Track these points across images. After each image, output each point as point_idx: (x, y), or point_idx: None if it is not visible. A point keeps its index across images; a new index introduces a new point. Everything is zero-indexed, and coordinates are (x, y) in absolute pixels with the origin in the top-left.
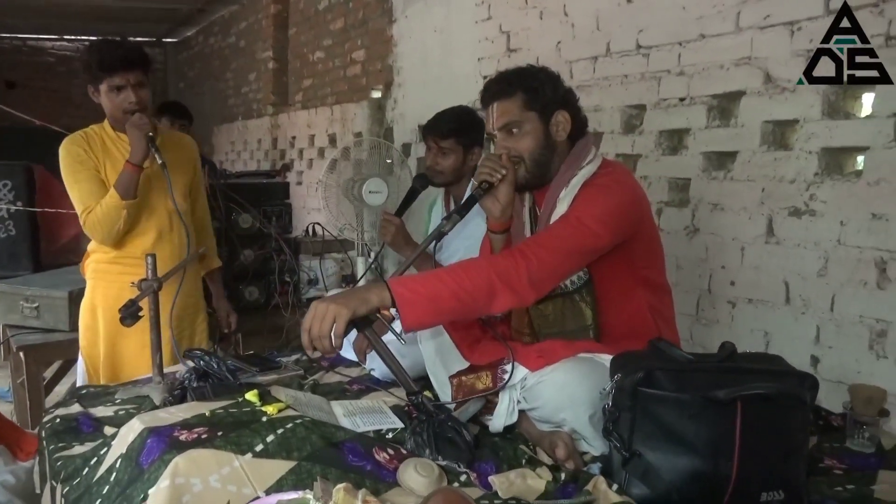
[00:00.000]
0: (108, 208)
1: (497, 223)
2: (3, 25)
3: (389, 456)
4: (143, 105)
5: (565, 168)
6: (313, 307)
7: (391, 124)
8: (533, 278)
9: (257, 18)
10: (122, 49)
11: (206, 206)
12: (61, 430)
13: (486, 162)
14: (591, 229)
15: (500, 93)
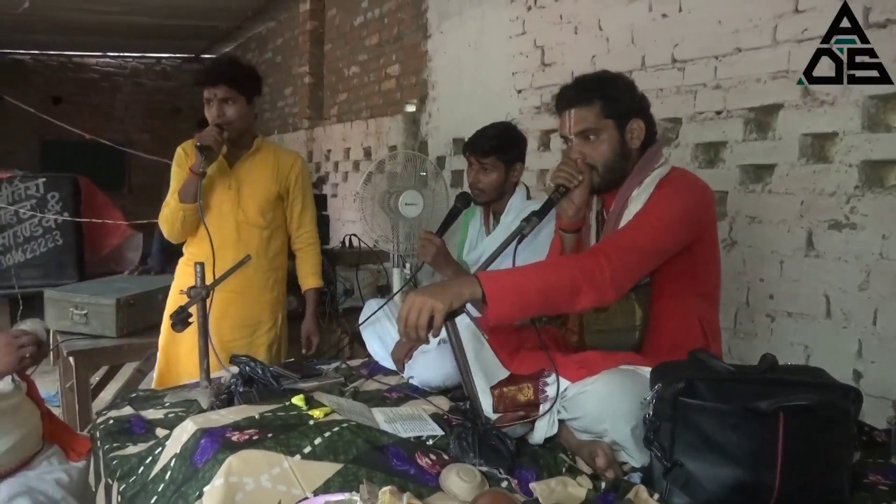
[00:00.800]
0: (170, 209)
1: (570, 223)
2: (52, 43)
3: (432, 461)
4: (225, 120)
5: (637, 171)
6: (410, 299)
7: (425, 138)
8: (615, 278)
9: (294, 35)
10: (215, 64)
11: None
12: (115, 431)
13: (562, 167)
14: (669, 228)
15: (578, 100)
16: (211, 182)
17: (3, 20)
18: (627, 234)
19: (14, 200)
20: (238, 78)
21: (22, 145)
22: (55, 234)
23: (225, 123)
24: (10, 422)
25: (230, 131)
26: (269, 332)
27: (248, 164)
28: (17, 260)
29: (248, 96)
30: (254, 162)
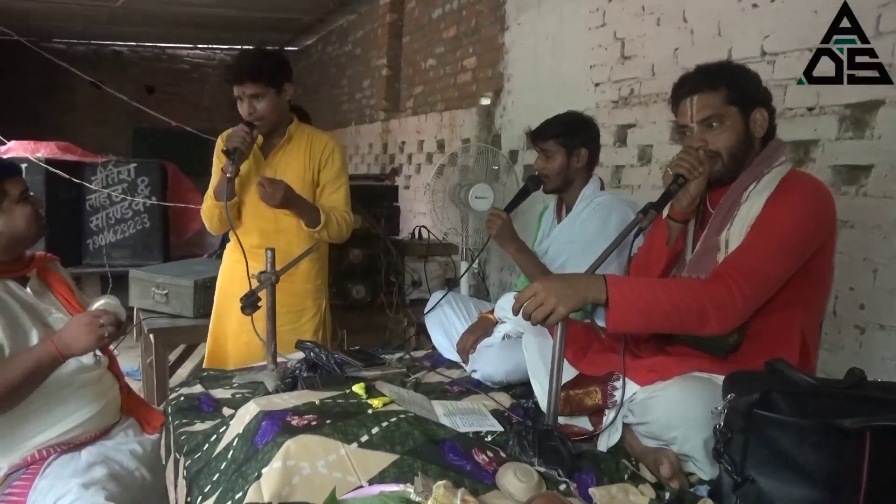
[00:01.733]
0: (207, 205)
1: (681, 213)
2: (147, 35)
3: (489, 458)
4: (256, 116)
5: (755, 164)
6: (535, 288)
7: (499, 131)
8: (746, 309)
9: (373, 27)
10: (245, 61)
11: (338, 200)
12: (185, 408)
13: (684, 156)
14: (797, 249)
15: (703, 85)
16: (248, 174)
17: (104, 13)
18: (754, 259)
19: (107, 184)
20: (264, 72)
21: (116, 132)
22: (143, 216)
23: (257, 119)
24: (91, 393)
25: (263, 125)
26: (314, 318)
27: (282, 153)
28: (109, 240)
29: (278, 87)
30: (288, 150)
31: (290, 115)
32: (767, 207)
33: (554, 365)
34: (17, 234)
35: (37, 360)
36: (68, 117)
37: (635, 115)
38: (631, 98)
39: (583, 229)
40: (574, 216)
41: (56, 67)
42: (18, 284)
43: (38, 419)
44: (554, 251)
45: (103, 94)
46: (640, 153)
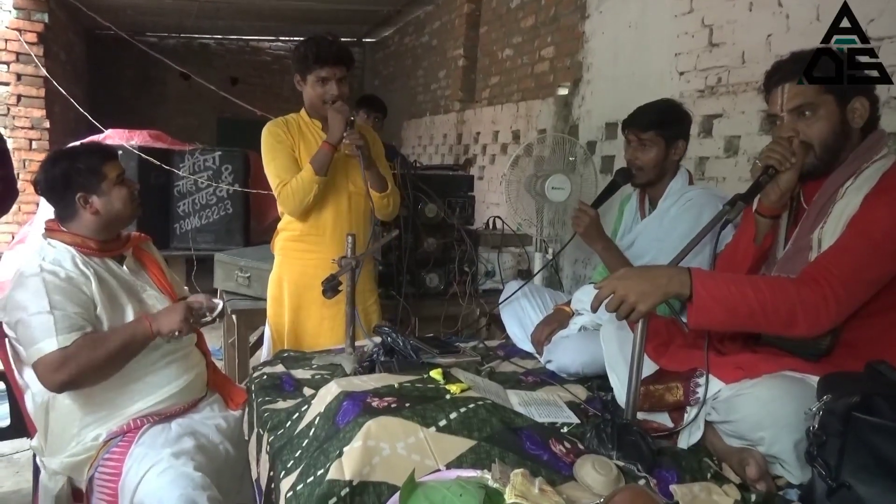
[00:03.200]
0: (302, 182)
1: (771, 209)
2: (232, 28)
3: (566, 449)
4: (343, 97)
5: (853, 158)
6: (613, 286)
7: (577, 122)
8: (839, 314)
9: (450, 18)
10: (335, 46)
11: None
12: (268, 386)
13: (774, 147)
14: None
15: (797, 72)
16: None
17: (193, 7)
18: (850, 260)
19: (194, 171)
20: (352, 58)
21: (203, 121)
22: (227, 203)
23: (343, 99)
24: (181, 367)
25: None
26: (376, 302)
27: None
28: (194, 225)
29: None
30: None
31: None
32: (866, 205)
33: (634, 359)
34: (115, 213)
35: (132, 335)
36: (159, 108)
37: (722, 104)
38: (718, 87)
39: (672, 227)
40: (662, 212)
41: (148, 60)
42: (116, 263)
43: (133, 390)
44: (640, 248)
45: (191, 86)
46: (726, 144)
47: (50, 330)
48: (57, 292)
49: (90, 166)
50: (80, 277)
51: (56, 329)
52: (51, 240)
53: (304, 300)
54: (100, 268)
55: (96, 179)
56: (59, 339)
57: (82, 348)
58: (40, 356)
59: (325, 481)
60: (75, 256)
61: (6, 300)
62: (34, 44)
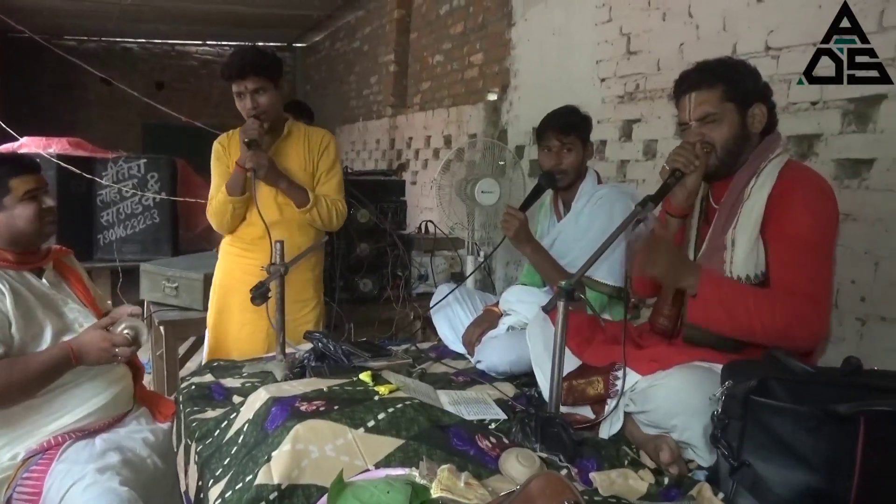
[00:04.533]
0: (218, 203)
1: (679, 209)
2: (157, 32)
3: (492, 444)
4: (260, 110)
5: (753, 159)
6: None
7: (505, 126)
8: (826, 321)
9: (381, 24)
10: (240, 58)
11: (330, 188)
12: (196, 396)
13: (680, 151)
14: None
15: (701, 83)
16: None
17: (114, 10)
18: (806, 273)
19: (118, 179)
20: (266, 66)
21: (126, 128)
22: (153, 212)
23: (261, 113)
24: (105, 380)
25: (266, 119)
26: (315, 309)
27: (282, 148)
28: (119, 235)
29: (276, 82)
30: (287, 144)
31: (284, 113)
32: (781, 210)
33: (556, 354)
34: (16, 231)
35: (54, 361)
36: (80, 114)
37: (641, 110)
38: (637, 93)
39: (588, 225)
40: (576, 212)
41: (68, 65)
42: (34, 276)
43: (55, 406)
44: (560, 249)
45: (113, 91)
46: (645, 148)
47: None
48: None
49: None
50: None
51: None
52: None
53: (226, 303)
54: (15, 281)
55: (1, 193)
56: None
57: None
58: None
59: (254, 486)
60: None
61: None
62: None
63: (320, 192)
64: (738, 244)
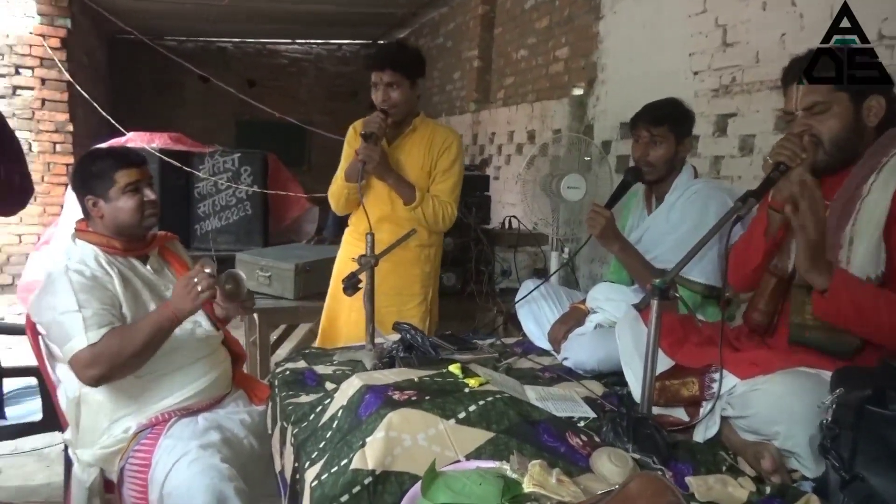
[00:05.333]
0: (337, 186)
1: (782, 203)
2: (250, 32)
3: (583, 442)
4: (390, 104)
5: (870, 155)
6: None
7: (591, 122)
8: None
9: (465, 19)
10: (383, 50)
11: (443, 189)
12: (291, 381)
13: (784, 143)
14: None
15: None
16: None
17: (212, 11)
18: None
19: (214, 173)
20: (404, 62)
21: (221, 124)
22: (246, 204)
23: (390, 107)
24: (207, 364)
25: (394, 114)
26: (420, 305)
27: (405, 143)
28: (214, 226)
29: (413, 79)
30: (412, 141)
31: (417, 108)
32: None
33: (648, 353)
34: (119, 222)
35: (157, 322)
36: (178, 110)
37: (737, 103)
38: (733, 86)
39: (680, 220)
40: (668, 206)
41: (168, 63)
42: (140, 262)
43: (162, 386)
44: (648, 243)
45: (209, 89)
46: (741, 143)
47: (79, 328)
48: (83, 291)
49: (101, 171)
50: (105, 276)
51: (85, 326)
52: (78, 240)
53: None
54: (123, 267)
55: (105, 185)
56: (88, 336)
57: (111, 342)
58: (73, 354)
59: (349, 471)
60: (99, 256)
61: (37, 301)
62: (57, 49)
63: (433, 191)
64: (857, 243)
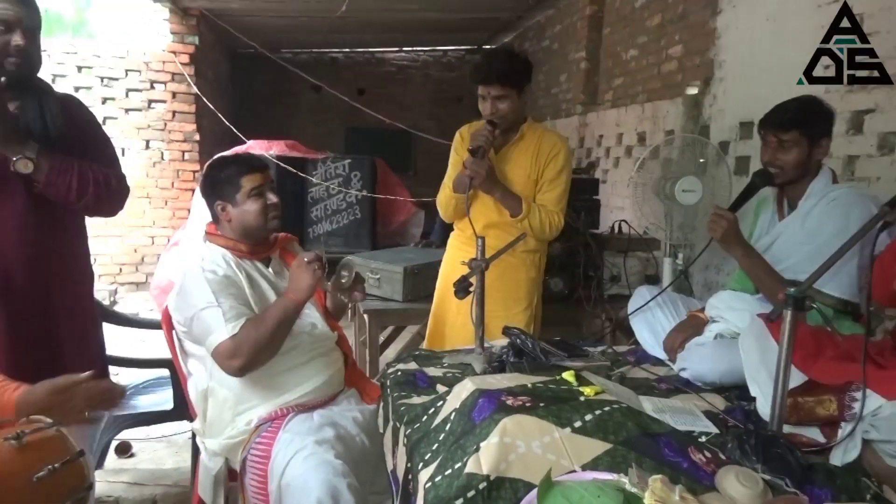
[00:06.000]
0: (444, 196)
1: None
2: (360, 42)
3: (706, 459)
4: (498, 115)
5: None
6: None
7: (707, 122)
8: None
9: (572, 21)
10: (489, 63)
11: (550, 199)
12: (402, 382)
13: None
14: None
15: None
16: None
17: (325, 24)
18: None
19: (326, 178)
20: (511, 74)
21: (332, 131)
22: (356, 208)
23: (498, 118)
24: (322, 363)
25: (502, 125)
26: (525, 311)
27: (513, 152)
28: (325, 229)
29: (521, 89)
30: (519, 149)
31: (524, 114)
32: None
33: (780, 368)
34: (246, 225)
35: (283, 309)
36: (291, 119)
37: (875, 98)
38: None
39: (818, 229)
40: (803, 213)
41: (283, 74)
42: (262, 265)
43: (281, 382)
44: (780, 251)
45: (321, 97)
46: (880, 141)
47: (220, 321)
48: (219, 287)
49: (229, 177)
50: (235, 276)
51: (225, 319)
52: (209, 243)
53: (447, 292)
54: (250, 269)
55: (233, 190)
56: (227, 328)
57: (249, 332)
58: (215, 346)
59: (464, 474)
60: (228, 257)
61: (177, 301)
62: (186, 64)
63: (540, 200)
64: None
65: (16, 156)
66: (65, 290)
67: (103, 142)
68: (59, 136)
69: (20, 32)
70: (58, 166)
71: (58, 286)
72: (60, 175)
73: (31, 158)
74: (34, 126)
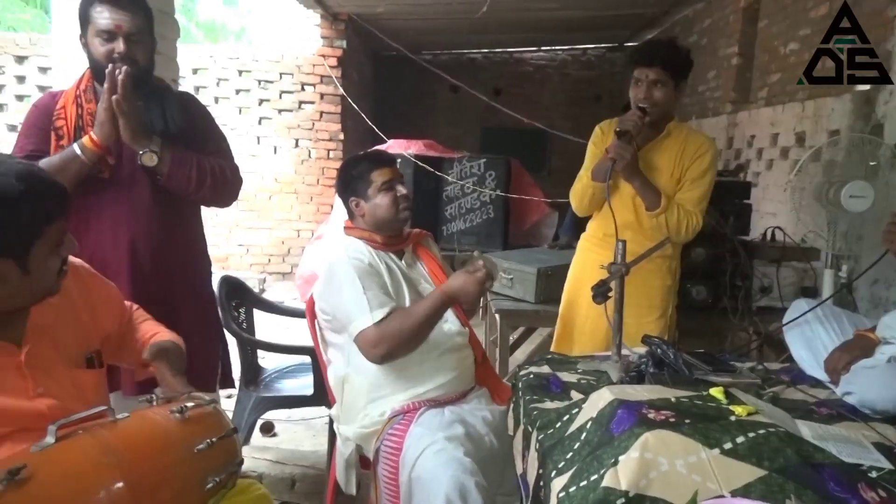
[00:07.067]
0: (581, 185)
1: None
2: (497, 42)
3: (880, 498)
4: (651, 102)
5: None
6: None
7: (881, 120)
8: None
9: (724, 14)
10: (652, 46)
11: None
12: (535, 385)
13: None
14: None
15: None
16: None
17: (465, 25)
18: None
19: (461, 177)
20: (673, 61)
21: (467, 131)
22: (489, 207)
23: (651, 105)
24: (454, 358)
25: (652, 114)
26: (660, 319)
27: (657, 149)
28: (459, 227)
29: (678, 80)
30: (662, 146)
31: (672, 112)
32: None
33: None
34: (378, 217)
35: (434, 306)
36: (429, 119)
37: None
38: None
39: None
40: None
41: (421, 75)
42: (396, 257)
43: (412, 375)
44: None
45: (458, 98)
46: None
47: (365, 308)
48: (365, 276)
49: (360, 172)
50: (376, 265)
51: (370, 307)
52: (349, 236)
53: (577, 295)
54: (388, 260)
55: (364, 185)
56: (373, 315)
57: (394, 321)
58: (359, 332)
59: (601, 488)
60: (369, 248)
61: (323, 290)
62: (334, 67)
63: (679, 198)
64: None
65: (142, 150)
66: (185, 277)
67: (219, 135)
68: (179, 131)
69: (122, 40)
70: (179, 159)
71: (178, 273)
72: (181, 167)
73: (156, 152)
74: (156, 122)
